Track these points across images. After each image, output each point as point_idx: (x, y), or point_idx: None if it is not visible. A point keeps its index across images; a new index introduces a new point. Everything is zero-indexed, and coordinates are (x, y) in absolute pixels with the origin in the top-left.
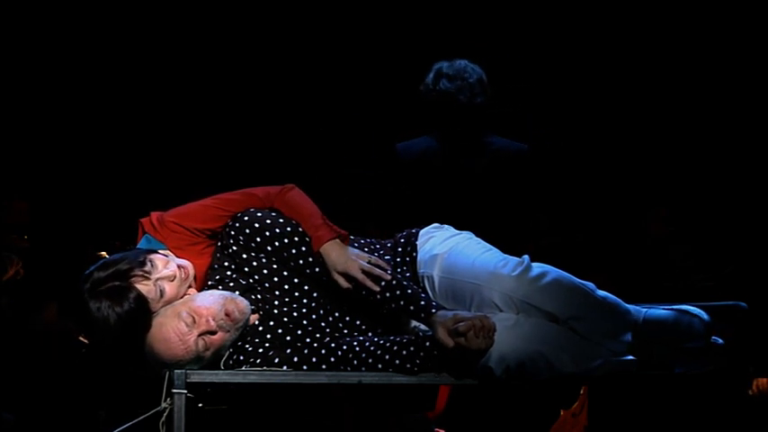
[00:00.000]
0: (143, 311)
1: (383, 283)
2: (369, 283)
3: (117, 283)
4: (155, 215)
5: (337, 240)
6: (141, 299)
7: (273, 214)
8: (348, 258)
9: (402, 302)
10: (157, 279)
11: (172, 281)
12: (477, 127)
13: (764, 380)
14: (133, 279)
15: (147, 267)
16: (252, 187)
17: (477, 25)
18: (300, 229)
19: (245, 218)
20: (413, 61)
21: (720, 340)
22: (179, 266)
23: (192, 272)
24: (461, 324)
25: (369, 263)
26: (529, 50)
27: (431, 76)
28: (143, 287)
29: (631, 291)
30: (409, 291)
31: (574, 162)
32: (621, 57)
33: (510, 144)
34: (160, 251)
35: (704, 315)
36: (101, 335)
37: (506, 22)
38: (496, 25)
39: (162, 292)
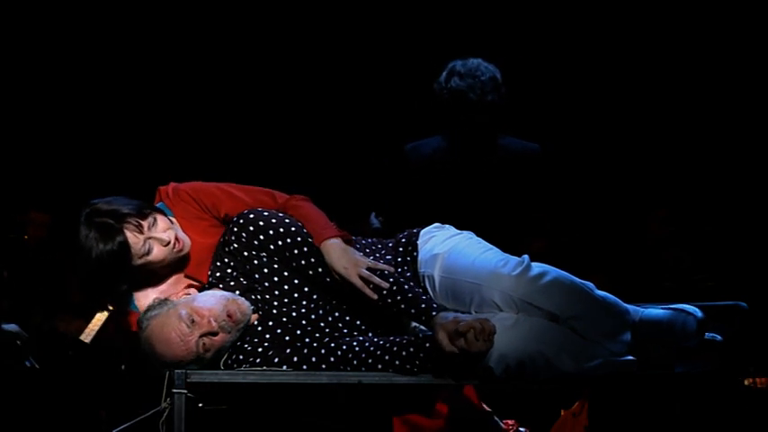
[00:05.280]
0: (122, 259)
1: (383, 292)
2: (367, 291)
3: (111, 221)
4: (172, 184)
5: (339, 240)
6: (125, 246)
7: (280, 214)
8: (348, 262)
9: (403, 306)
10: (150, 237)
11: (164, 246)
12: (488, 126)
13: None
14: (126, 225)
15: (146, 222)
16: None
17: (477, 26)
18: (304, 230)
19: (251, 215)
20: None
21: (719, 337)
22: (177, 238)
23: (186, 249)
24: (462, 324)
25: (368, 269)
26: (529, 52)
27: (444, 74)
28: (132, 237)
29: (631, 291)
30: (410, 294)
31: (574, 163)
32: (622, 58)
33: (522, 144)
34: (169, 217)
35: (698, 312)
36: (79, 262)
37: (506, 23)
38: (496, 26)
39: (149, 251)
